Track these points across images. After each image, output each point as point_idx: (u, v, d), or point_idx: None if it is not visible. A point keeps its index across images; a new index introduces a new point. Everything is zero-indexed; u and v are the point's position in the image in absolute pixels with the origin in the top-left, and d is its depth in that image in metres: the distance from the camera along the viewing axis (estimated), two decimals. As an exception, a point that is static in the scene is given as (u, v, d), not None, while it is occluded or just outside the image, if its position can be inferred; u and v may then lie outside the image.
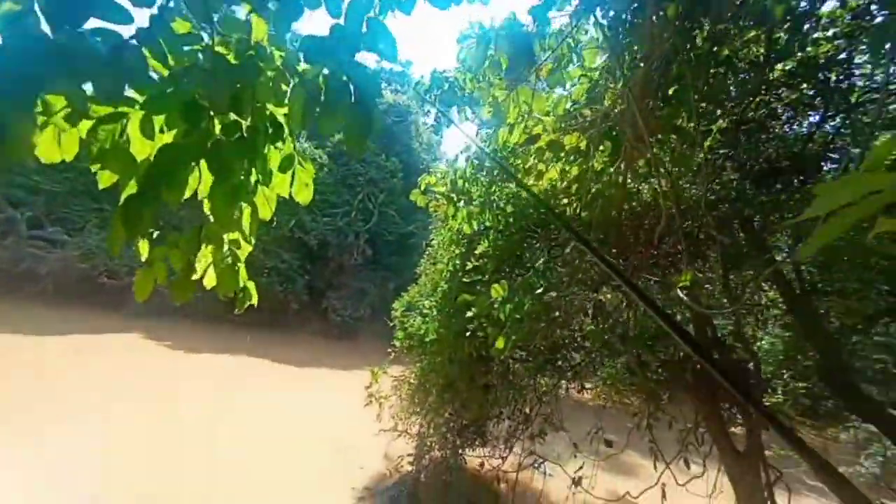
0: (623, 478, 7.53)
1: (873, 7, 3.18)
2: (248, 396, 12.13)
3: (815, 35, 3.27)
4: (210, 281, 1.85)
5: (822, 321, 4.68)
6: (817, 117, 4.45)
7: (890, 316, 5.10)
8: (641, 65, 2.16)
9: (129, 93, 1.36)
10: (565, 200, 3.33)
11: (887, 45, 1.98)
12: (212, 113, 1.40)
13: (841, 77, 4.09)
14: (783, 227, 4.28)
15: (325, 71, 1.53)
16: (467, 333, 4.95)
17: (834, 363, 4.18)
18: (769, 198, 4.03)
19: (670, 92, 2.25)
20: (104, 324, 17.97)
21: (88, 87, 1.20)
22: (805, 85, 3.82)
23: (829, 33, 3.36)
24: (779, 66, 3.65)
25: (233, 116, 1.49)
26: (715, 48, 2.50)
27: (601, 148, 2.38)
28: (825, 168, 4.54)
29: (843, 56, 3.62)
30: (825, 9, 3.28)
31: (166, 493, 6.08)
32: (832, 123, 4.43)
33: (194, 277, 1.76)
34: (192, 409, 10.21)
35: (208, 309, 22.16)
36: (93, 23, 1.16)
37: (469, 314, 3.75)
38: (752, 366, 4.67)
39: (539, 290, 2.57)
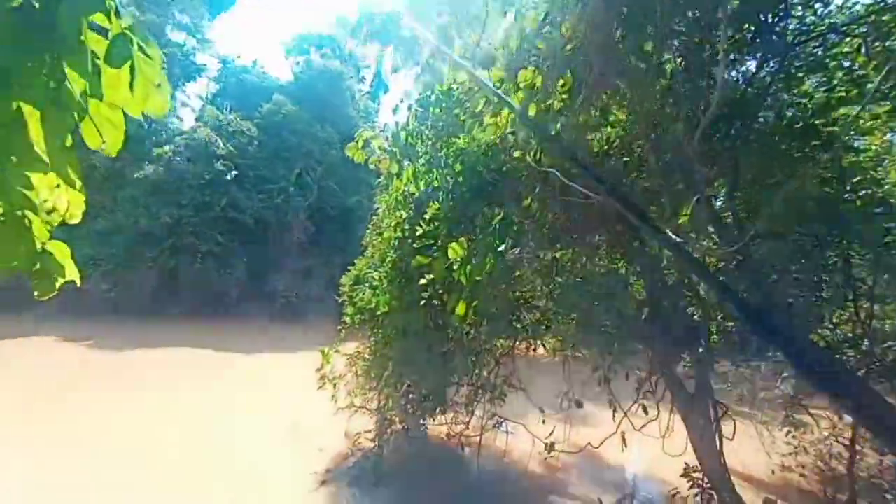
0: (582, 428, 7.85)
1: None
2: (193, 390, 11.32)
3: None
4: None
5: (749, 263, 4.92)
6: (755, 62, 4.50)
7: (804, 256, 5.48)
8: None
9: None
10: (517, 152, 3.10)
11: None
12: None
13: (777, 18, 4.12)
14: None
15: None
16: (421, 303, 4.73)
17: (757, 301, 4.41)
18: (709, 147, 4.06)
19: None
20: (7, 328, 15.95)
21: None
22: (746, 25, 3.79)
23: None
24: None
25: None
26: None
27: (560, 83, 2.14)
28: (760, 116, 4.64)
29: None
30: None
31: (119, 487, 5.53)
32: (768, 68, 4.50)
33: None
34: (132, 408, 9.35)
35: (140, 305, 20.41)
36: None
37: (423, 282, 3.49)
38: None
39: (501, 248, 2.35)
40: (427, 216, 4.07)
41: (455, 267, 2.22)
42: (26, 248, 1.25)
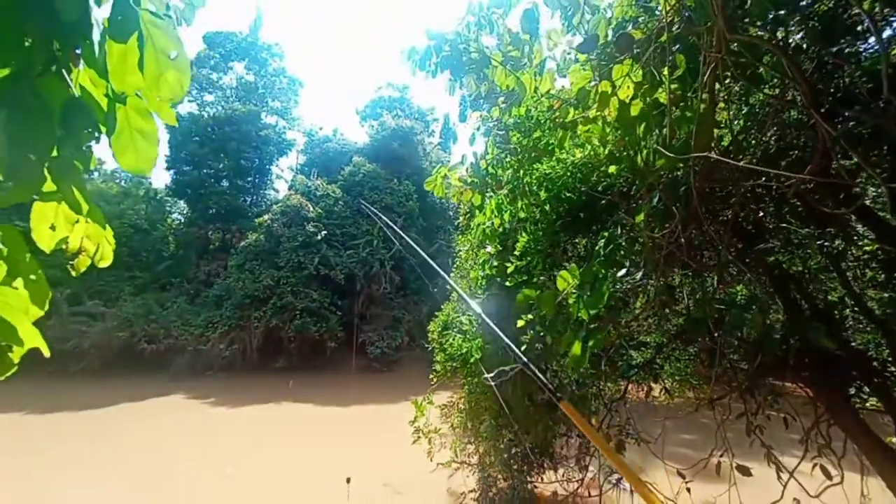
0: (719, 485, 6.56)
1: None
2: (295, 445, 11.65)
3: None
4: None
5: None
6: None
7: None
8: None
9: None
10: (612, 166, 2.71)
11: None
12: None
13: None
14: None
15: None
16: (523, 347, 4.31)
17: None
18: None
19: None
20: (147, 389, 18.00)
21: None
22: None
23: None
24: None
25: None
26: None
27: (664, 73, 1.78)
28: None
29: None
30: None
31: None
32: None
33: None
34: (239, 464, 9.78)
35: (250, 362, 22.16)
36: None
37: (521, 322, 3.13)
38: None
39: (622, 274, 1.96)
40: (516, 251, 3.76)
41: (570, 300, 1.85)
42: None
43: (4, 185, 0.99)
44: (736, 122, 3.00)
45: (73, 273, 1.32)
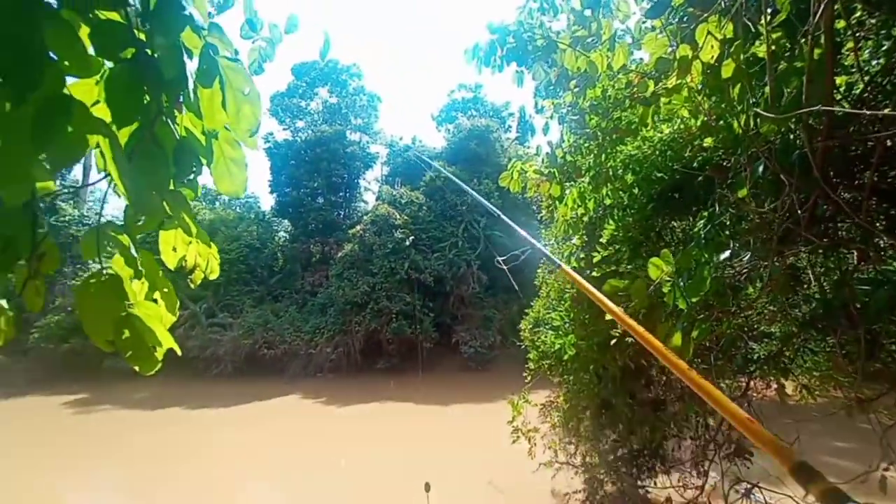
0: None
1: None
2: (400, 442, 12.24)
3: None
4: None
5: None
6: None
7: None
8: None
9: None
10: (708, 138, 2.40)
11: None
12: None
13: None
14: None
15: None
16: (612, 341, 4.05)
17: None
18: None
19: None
20: (270, 390, 20.17)
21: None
22: None
23: None
24: None
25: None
26: None
27: (760, 23, 1.53)
28: None
29: None
30: None
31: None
32: None
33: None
34: (350, 457, 10.54)
35: (354, 364, 23.81)
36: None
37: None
38: None
39: (725, 256, 1.72)
40: (603, 240, 3.53)
41: (665, 289, 1.68)
42: (116, 314, 1.13)
43: (139, 219, 1.19)
44: (876, 63, 2.47)
45: (192, 285, 1.53)
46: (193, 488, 9.54)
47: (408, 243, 24.86)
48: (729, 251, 1.90)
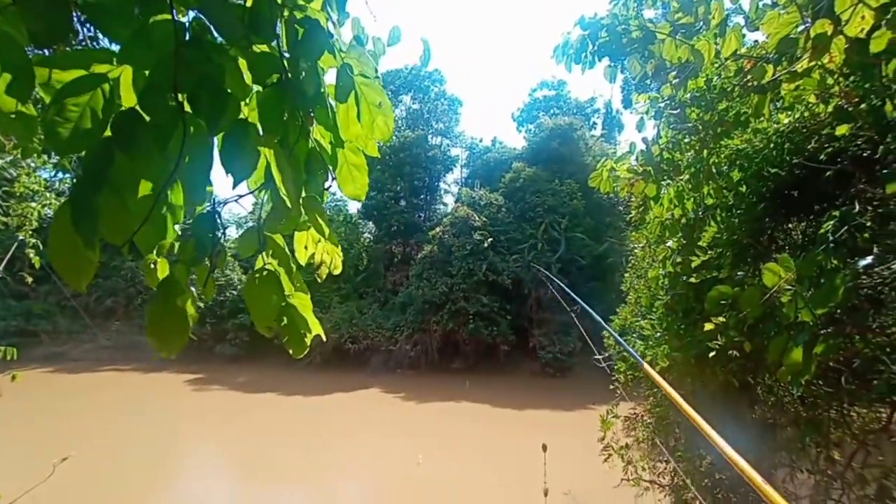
0: None
1: None
2: (474, 442, 12.28)
3: None
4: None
5: None
6: None
7: None
8: None
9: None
10: (842, 126, 2.07)
11: None
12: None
13: None
14: None
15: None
16: (711, 354, 3.68)
17: None
18: None
19: None
20: (353, 382, 21.37)
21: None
22: None
23: None
24: None
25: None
26: None
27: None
28: None
29: None
30: None
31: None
32: None
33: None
34: (427, 454, 10.79)
35: (431, 361, 24.39)
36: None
37: (709, 326, 2.67)
38: None
39: (866, 263, 1.47)
40: (703, 243, 3.23)
41: (784, 298, 1.48)
42: (277, 304, 1.27)
43: (281, 221, 1.35)
44: None
45: (319, 280, 1.71)
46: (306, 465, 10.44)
47: (486, 245, 24.85)
48: (871, 257, 1.62)
